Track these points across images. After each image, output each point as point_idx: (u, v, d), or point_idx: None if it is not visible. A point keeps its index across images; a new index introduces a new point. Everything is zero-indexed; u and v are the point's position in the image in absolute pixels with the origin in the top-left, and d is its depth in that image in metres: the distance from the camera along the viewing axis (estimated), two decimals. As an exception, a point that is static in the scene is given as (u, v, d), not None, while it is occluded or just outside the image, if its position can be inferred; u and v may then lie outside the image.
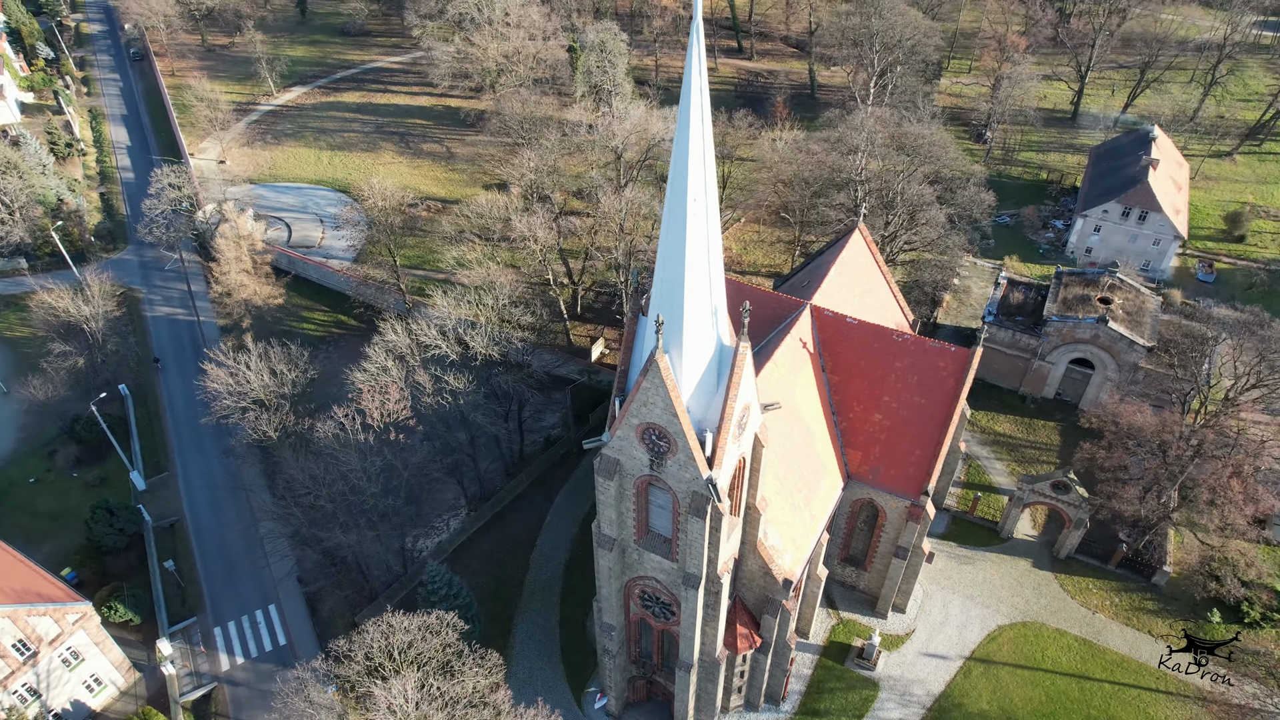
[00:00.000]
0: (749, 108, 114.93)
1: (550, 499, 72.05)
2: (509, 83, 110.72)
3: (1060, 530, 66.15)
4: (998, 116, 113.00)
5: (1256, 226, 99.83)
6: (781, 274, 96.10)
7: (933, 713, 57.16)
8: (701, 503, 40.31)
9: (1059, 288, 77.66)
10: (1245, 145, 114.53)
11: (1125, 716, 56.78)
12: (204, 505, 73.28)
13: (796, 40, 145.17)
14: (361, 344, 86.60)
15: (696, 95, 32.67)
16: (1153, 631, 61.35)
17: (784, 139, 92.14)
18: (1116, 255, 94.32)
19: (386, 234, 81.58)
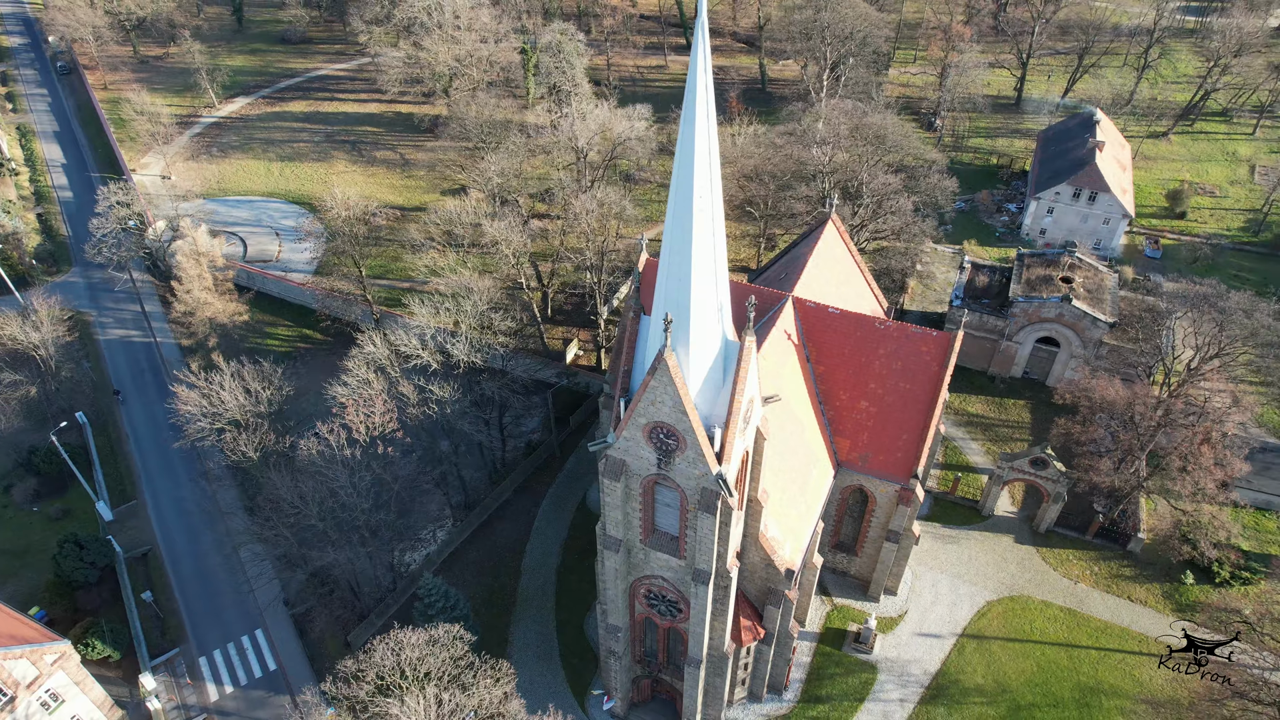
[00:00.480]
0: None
1: (536, 504, 71.55)
2: (462, 87, 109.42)
3: (1038, 505, 68.04)
4: (947, 104, 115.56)
5: (1195, 203, 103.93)
6: (750, 268, 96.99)
7: (931, 691, 58.33)
8: (711, 498, 40.46)
9: (1022, 269, 79.81)
10: (1179, 126, 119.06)
11: (1112, 680, 58.71)
12: (178, 532, 70.99)
13: (745, 36, 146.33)
14: (330, 357, 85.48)
15: (702, 93, 32.71)
16: (1131, 597, 63.57)
17: (745, 133, 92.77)
18: (1069, 235, 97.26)
19: (352, 244, 79.94)
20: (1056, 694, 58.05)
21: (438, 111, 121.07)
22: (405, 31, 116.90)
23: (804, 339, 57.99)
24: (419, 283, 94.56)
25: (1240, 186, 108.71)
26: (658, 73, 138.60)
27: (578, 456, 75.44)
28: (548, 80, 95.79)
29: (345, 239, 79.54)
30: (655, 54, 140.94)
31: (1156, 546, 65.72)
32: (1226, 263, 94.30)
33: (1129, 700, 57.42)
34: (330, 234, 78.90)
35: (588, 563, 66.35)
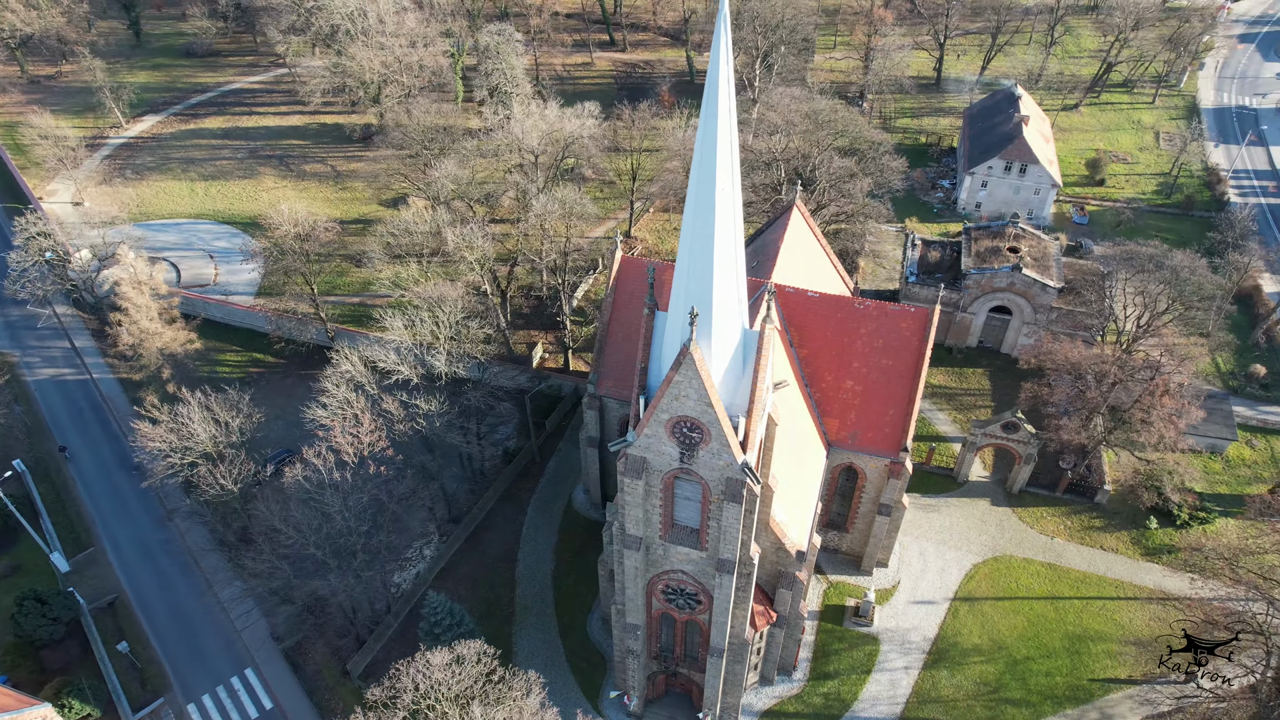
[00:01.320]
0: (633, 99, 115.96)
1: (522, 510, 70.65)
2: (393, 94, 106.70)
3: (1009, 468, 70.89)
4: (875, 87, 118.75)
5: (1112, 170, 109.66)
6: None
7: (932, 655, 60.19)
8: (737, 487, 40.75)
9: (970, 242, 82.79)
10: (1087, 98, 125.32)
11: (1096, 626, 61.76)
12: (145, 577, 67.35)
13: (669, 29, 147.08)
14: (286, 380, 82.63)
15: (724, 86, 32.84)
16: (1104, 546, 66.93)
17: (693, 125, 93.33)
18: (1003, 208, 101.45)
19: (303, 262, 77.15)
20: (1048, 645, 60.71)
21: (368, 120, 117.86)
22: (328, 40, 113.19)
23: (786, 324, 58.86)
24: (372, 297, 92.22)
25: (1149, 152, 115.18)
26: (585, 70, 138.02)
27: (558, 460, 74.82)
28: (488, 82, 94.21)
29: (296, 257, 76.69)
30: (581, 51, 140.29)
31: (1121, 497, 69.32)
32: (1146, 225, 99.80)
33: (1115, 643, 60.52)
34: (280, 252, 75.85)
35: (582, 565, 66.04)
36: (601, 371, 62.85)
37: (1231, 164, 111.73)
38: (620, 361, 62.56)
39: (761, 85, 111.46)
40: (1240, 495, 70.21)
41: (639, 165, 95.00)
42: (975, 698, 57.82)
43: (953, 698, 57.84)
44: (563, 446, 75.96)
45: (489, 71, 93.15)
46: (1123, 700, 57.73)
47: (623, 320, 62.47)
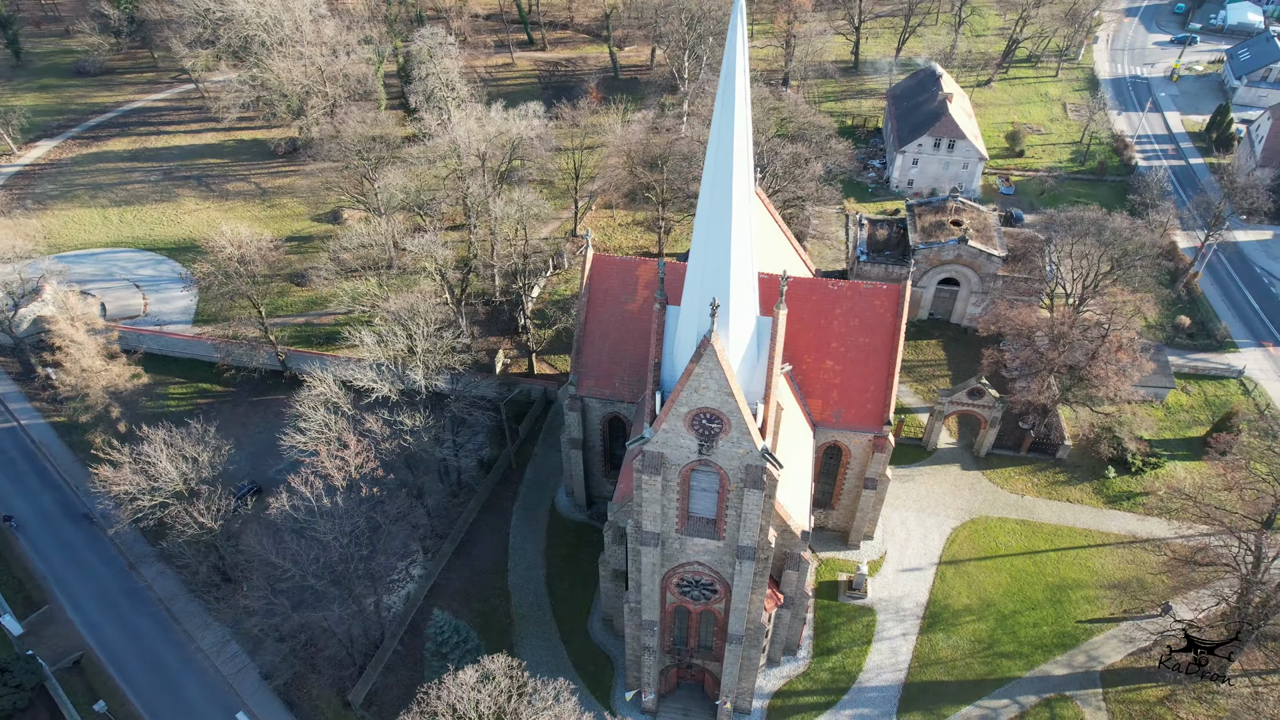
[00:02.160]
0: (559, 98, 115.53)
1: (506, 519, 69.56)
2: (319, 105, 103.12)
3: (974, 433, 73.65)
4: (800, 74, 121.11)
5: (1029, 141, 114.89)
6: (650, 253, 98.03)
7: (927, 620, 62.10)
8: (757, 474, 41.15)
9: (914, 219, 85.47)
10: (997, 74, 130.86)
11: (1073, 574, 64.85)
12: (112, 631, 63.39)
13: (588, 27, 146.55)
14: (237, 409, 79.18)
15: (740, 77, 32.97)
16: (1069, 499, 70.27)
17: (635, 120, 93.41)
18: (934, 183, 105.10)
19: (249, 285, 73.90)
20: (1032, 598, 63.43)
21: (290, 134, 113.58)
22: (241, 52, 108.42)
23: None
24: (318, 315, 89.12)
25: (1059, 123, 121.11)
26: (507, 71, 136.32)
27: (534, 465, 73.91)
28: (423, 87, 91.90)
29: (242, 279, 73.40)
30: (501, 52, 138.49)
31: (1080, 451, 72.89)
32: (1066, 191, 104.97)
33: (1092, 589, 63.69)
34: (224, 276, 72.43)
35: (575, 568, 65.59)
36: (581, 372, 62.38)
37: (1135, 131, 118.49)
38: (599, 360, 62.25)
39: (691, 78, 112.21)
40: (1183, 439, 74.81)
41: (581, 163, 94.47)
42: (972, 655, 59.98)
43: (951, 658, 59.84)
44: (537, 451, 75.10)
45: (424, 76, 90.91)
46: (1106, 641, 60.82)
47: (599, 319, 62.15)
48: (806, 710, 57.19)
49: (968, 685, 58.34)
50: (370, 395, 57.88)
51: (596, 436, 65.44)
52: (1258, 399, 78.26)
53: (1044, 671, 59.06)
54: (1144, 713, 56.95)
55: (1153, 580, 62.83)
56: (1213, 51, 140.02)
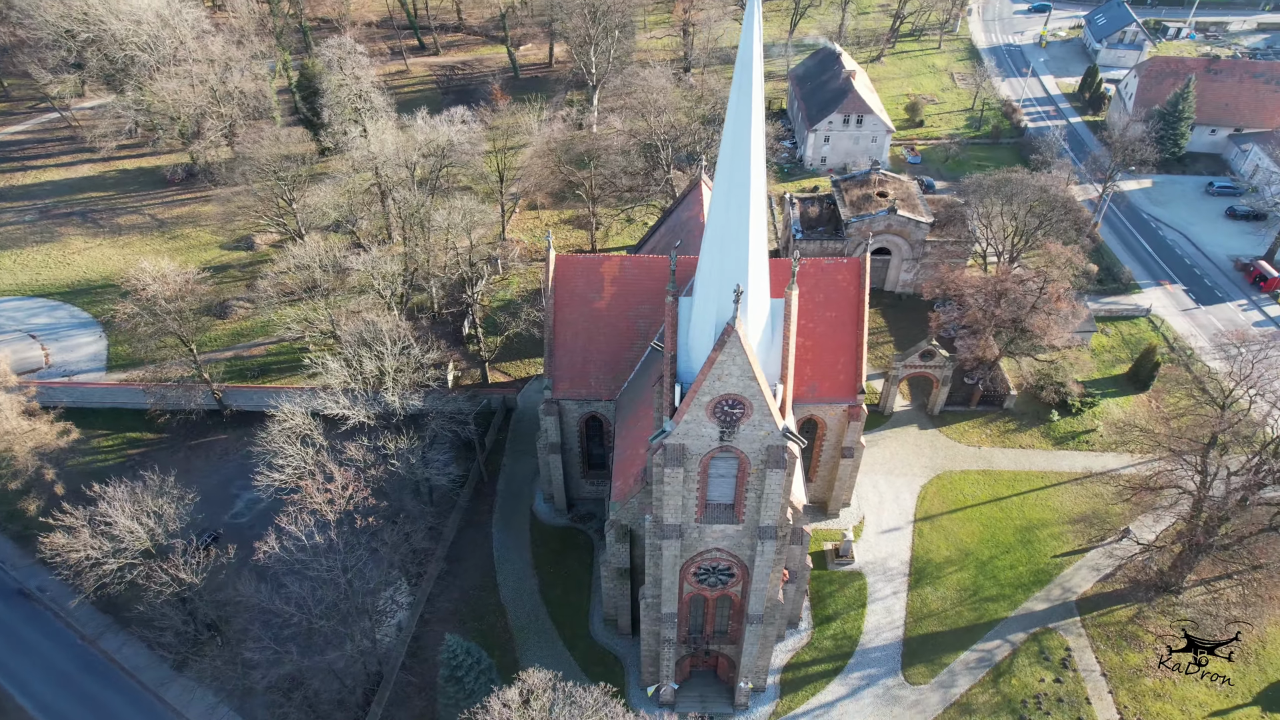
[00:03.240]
0: (460, 102, 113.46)
1: (486, 533, 68.03)
2: (216, 126, 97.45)
3: (926, 394, 76.91)
4: (703, 62, 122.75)
5: (927, 111, 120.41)
6: (584, 250, 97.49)
7: (913, 576, 64.58)
8: (779, 454, 41.76)
9: (841, 194, 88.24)
10: (887, 49, 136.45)
11: (1038, 514, 68.77)
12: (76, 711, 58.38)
13: (479, 28, 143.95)
14: (176, 455, 74.26)
15: (757, 64, 33.23)
16: (1021, 445, 74.39)
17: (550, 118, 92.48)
18: (845, 158, 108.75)
19: (178, 322, 69.36)
20: (1004, 541, 66.91)
21: (183, 160, 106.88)
22: (119, 75, 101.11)
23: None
24: (247, 347, 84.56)
25: (949, 92, 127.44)
26: (403, 78, 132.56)
27: (505, 475, 72.53)
28: (335, 98, 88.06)
29: (171, 317, 68.81)
30: (395, 59, 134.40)
31: (1025, 399, 77.28)
32: (969, 156, 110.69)
33: (1056, 525, 67.73)
34: (151, 316, 67.68)
35: (566, 573, 64.89)
36: (555, 375, 61.62)
37: (1018, 95, 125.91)
38: (573, 361, 61.65)
39: (599, 73, 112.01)
40: (1110, 377, 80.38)
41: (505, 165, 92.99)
42: (960, 604, 62.81)
43: (942, 609, 62.50)
44: (506, 461, 73.74)
45: (336, 88, 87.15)
46: (1076, 572, 64.85)
47: (567, 320, 61.50)
48: (817, 679, 58.59)
49: (961, 632, 61.09)
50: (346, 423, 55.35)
51: (574, 438, 64.82)
52: (1165, 334, 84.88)
53: (1027, 609, 62.48)
54: (1119, 632, 61.05)
55: (1109, 510, 67.34)
56: (1072, 18, 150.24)
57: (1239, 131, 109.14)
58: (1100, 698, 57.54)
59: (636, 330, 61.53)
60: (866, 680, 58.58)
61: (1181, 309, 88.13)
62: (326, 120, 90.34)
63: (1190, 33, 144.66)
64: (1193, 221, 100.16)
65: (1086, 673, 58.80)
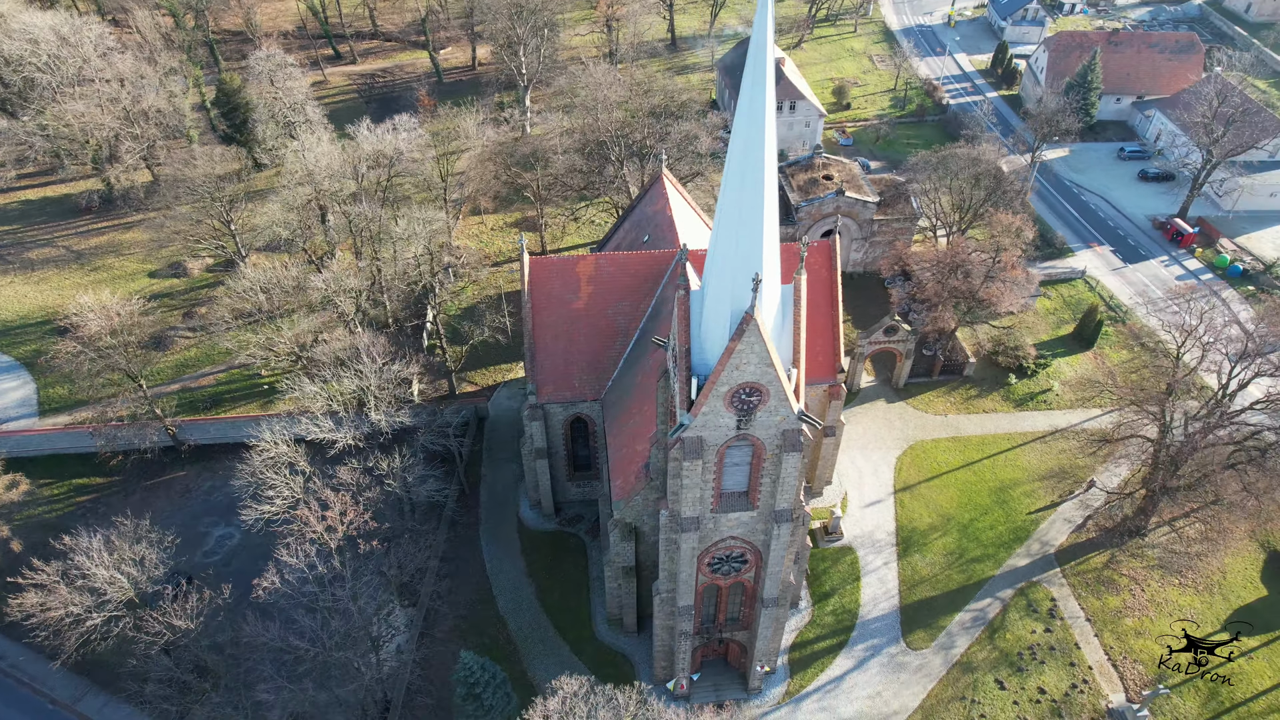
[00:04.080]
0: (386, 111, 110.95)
1: (475, 546, 66.75)
2: (134, 149, 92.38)
3: (890, 368, 79.08)
4: (631, 56, 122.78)
5: (853, 94, 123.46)
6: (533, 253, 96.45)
7: (901, 546, 66.39)
8: (795, 437, 42.29)
9: (788, 180, 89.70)
10: (806, 36, 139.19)
11: (1009, 474, 71.60)
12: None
13: (396, 34, 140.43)
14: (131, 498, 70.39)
15: (769, 50, 33.45)
16: (984, 410, 77.27)
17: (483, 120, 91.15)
18: (781, 144, 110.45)
19: (125, 357, 65.68)
20: (981, 504, 69.45)
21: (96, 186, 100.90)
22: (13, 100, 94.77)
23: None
24: (195, 378, 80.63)
25: (870, 74, 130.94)
26: (322, 89, 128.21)
27: (486, 486, 71.28)
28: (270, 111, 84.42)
29: (119, 353, 65.10)
30: (313, 70, 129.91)
31: (982, 365, 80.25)
32: (898, 135, 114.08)
33: (1028, 483, 70.68)
34: (96, 354, 63.85)
35: (561, 578, 64.34)
36: (539, 379, 60.88)
37: (936, 74, 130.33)
38: (555, 364, 61.03)
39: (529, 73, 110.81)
40: (1058, 338, 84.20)
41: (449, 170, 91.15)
42: (948, 567, 64.93)
43: (932, 574, 64.49)
44: (485, 471, 72.49)
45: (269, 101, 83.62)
46: (1051, 525, 67.85)
47: (546, 323, 60.82)
48: (824, 655, 59.71)
49: (953, 594, 63.18)
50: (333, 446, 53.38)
51: (560, 441, 64.22)
52: (1101, 293, 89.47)
53: (1010, 565, 65.06)
54: (1096, 578, 64.20)
55: (1074, 464, 70.72)
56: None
57: (1141, 99, 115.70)
58: (1088, 641, 60.43)
59: (616, 328, 61.33)
60: (871, 651, 60.02)
61: (1112, 269, 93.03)
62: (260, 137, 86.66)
63: (1084, 8, 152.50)
64: (1110, 186, 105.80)
65: (1072, 619, 61.64)
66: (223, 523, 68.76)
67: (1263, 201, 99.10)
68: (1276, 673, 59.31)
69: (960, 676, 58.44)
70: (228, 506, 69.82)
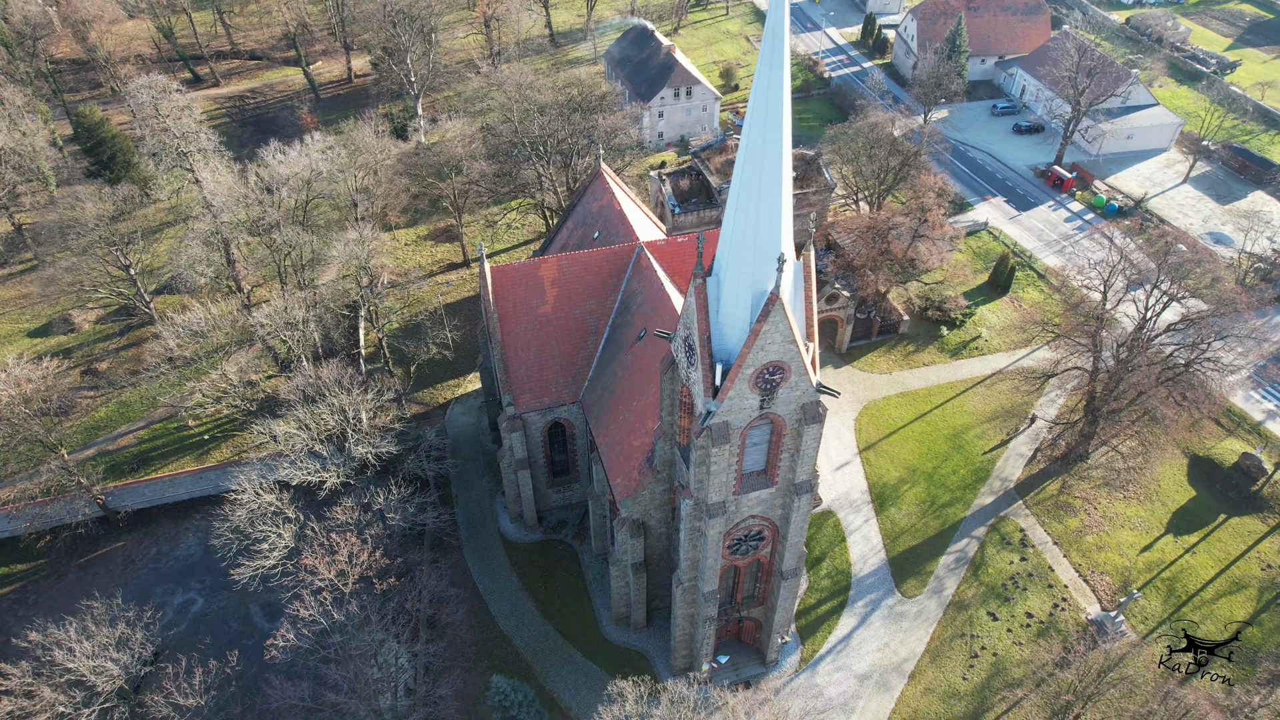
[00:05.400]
0: (262, 132, 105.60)
1: (462, 569, 64.53)
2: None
3: (832, 335, 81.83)
4: (514, 54, 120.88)
5: (740, 74, 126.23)
6: (454, 263, 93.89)
7: (876, 503, 69.06)
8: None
9: (704, 164, 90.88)
10: (682, 22, 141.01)
11: (959, 420, 75.68)
12: None
13: (259, 52, 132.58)
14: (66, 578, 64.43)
15: (785, 33, 33.81)
16: (924, 363, 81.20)
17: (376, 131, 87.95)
18: (681, 130, 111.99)
19: (44, 429, 59.63)
20: (939, 450, 73.14)
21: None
22: None
23: (669, 276, 61.02)
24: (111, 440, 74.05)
25: (750, 55, 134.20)
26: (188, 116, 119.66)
27: (460, 504, 69.10)
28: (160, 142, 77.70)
29: (34, 423, 59.00)
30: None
31: (916, 322, 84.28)
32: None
33: (977, 426, 74.97)
34: (9, 427, 57.62)
35: (558, 586, 63.38)
36: (514, 390, 59.54)
37: (813, 49, 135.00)
38: (529, 372, 59.84)
39: (419, 80, 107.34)
40: (976, 287, 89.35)
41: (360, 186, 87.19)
42: (923, 515, 68.15)
43: (910, 525, 67.51)
44: (456, 491, 70.23)
45: (160, 130, 77.04)
46: (1006, 462, 72.30)
47: (515, 331, 59.49)
48: (828, 617, 61.53)
49: (934, 540, 66.39)
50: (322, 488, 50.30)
51: (539, 450, 63.07)
52: (1005, 241, 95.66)
53: (979, 505, 68.96)
54: (1054, 504, 68.99)
55: (1014, 401, 75.58)
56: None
57: (1003, 58, 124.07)
58: (1059, 563, 64.94)
59: (587, 327, 60.73)
60: (870, 606, 62.32)
61: (1009, 218, 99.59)
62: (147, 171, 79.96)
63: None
64: (991, 141, 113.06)
65: (1042, 545, 66.06)
66: (179, 589, 63.76)
67: (1122, 144, 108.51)
68: (1216, 562, 65.65)
69: (956, 616, 61.59)
70: (182, 571, 64.92)
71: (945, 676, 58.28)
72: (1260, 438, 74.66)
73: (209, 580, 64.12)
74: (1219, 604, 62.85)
